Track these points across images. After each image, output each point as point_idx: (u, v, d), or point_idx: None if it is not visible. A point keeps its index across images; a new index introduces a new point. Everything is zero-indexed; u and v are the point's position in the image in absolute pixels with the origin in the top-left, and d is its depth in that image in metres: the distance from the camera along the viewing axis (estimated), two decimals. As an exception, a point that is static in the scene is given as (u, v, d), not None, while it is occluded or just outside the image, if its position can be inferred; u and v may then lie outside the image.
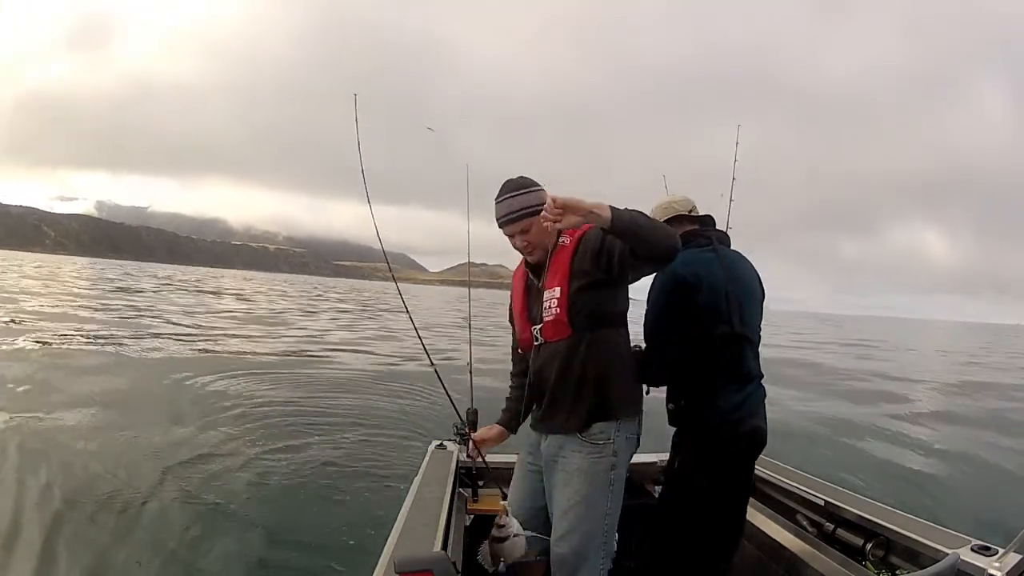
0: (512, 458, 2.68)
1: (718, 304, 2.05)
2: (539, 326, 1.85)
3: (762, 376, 2.16)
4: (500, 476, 2.64)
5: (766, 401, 2.16)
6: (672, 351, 2.07)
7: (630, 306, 1.90)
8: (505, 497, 2.07)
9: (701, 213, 2.31)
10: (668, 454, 2.40)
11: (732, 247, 2.27)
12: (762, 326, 2.21)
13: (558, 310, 1.78)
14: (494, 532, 1.64)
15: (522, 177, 1.85)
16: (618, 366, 1.81)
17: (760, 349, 2.18)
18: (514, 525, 1.65)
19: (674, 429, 2.23)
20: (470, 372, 2.92)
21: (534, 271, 1.91)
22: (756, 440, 2.11)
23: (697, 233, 2.21)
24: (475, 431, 2.70)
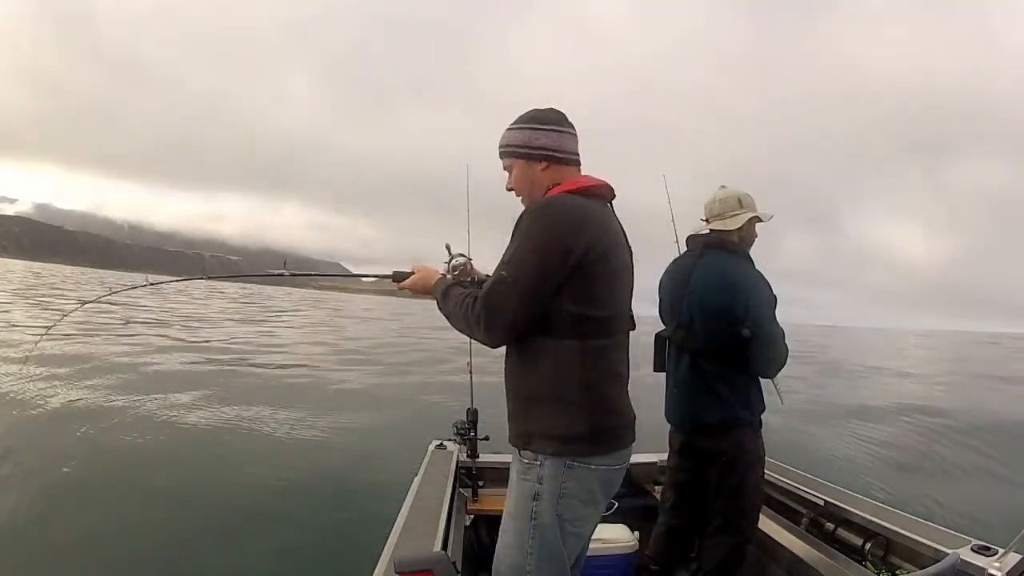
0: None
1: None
2: None
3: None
4: (500, 476, 2.64)
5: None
6: None
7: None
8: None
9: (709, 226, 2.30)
10: (667, 454, 2.41)
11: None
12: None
13: None
14: None
15: (539, 111, 1.50)
16: None
17: None
18: None
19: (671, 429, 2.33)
20: (470, 372, 2.92)
21: None
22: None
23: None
24: (475, 431, 2.71)
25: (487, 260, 1.79)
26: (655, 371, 2.29)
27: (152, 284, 2.03)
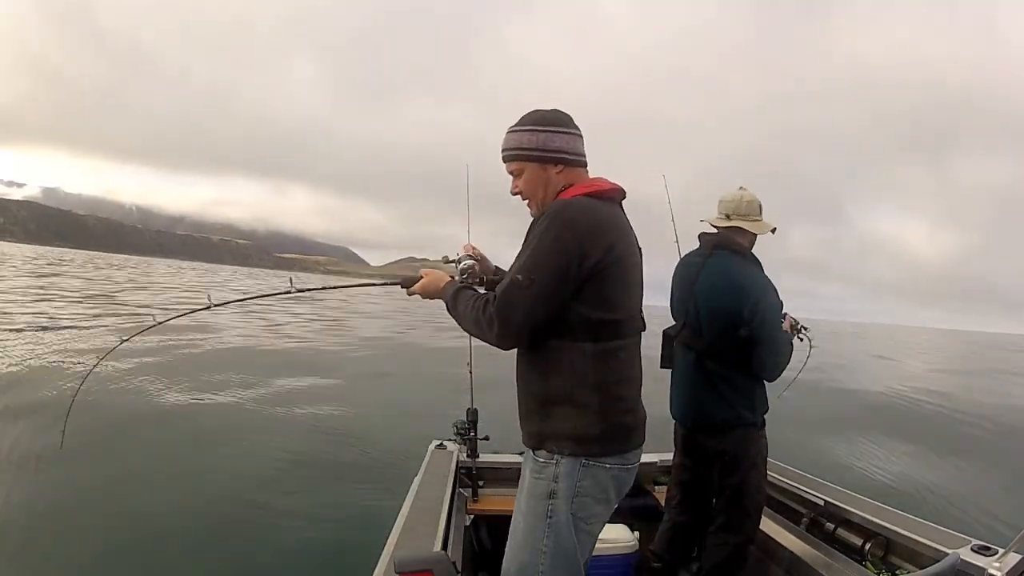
0: (512, 458, 2.69)
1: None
2: None
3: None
4: (500, 476, 2.64)
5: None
6: None
7: None
8: None
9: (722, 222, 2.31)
10: (668, 454, 2.41)
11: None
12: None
13: None
14: None
15: (546, 112, 1.49)
16: None
17: None
18: None
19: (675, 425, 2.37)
20: (470, 372, 2.92)
21: None
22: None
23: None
24: (475, 431, 2.71)
25: (489, 252, 1.79)
26: (661, 367, 2.31)
27: (159, 323, 1.97)
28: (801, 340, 2.39)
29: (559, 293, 1.34)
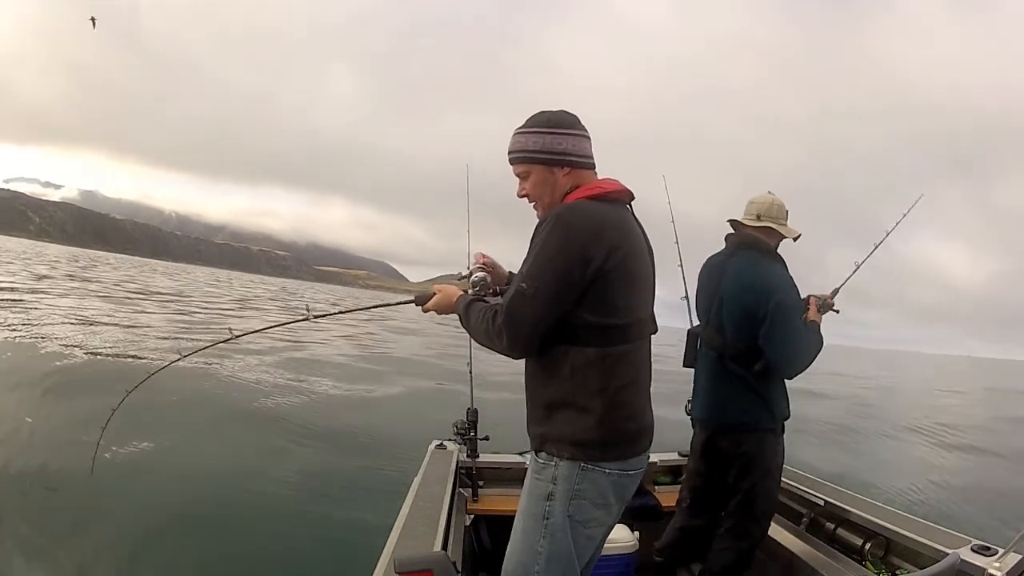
0: (512, 458, 2.69)
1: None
2: None
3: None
4: (500, 476, 2.64)
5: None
6: None
7: None
8: None
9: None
10: (668, 454, 2.41)
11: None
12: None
13: None
14: None
15: (553, 113, 1.47)
16: None
17: None
18: None
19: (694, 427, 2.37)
20: (470, 372, 2.92)
21: None
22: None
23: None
24: (475, 431, 2.71)
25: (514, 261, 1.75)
26: (684, 366, 2.34)
27: (184, 356, 2.10)
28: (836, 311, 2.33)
29: (564, 299, 1.33)
